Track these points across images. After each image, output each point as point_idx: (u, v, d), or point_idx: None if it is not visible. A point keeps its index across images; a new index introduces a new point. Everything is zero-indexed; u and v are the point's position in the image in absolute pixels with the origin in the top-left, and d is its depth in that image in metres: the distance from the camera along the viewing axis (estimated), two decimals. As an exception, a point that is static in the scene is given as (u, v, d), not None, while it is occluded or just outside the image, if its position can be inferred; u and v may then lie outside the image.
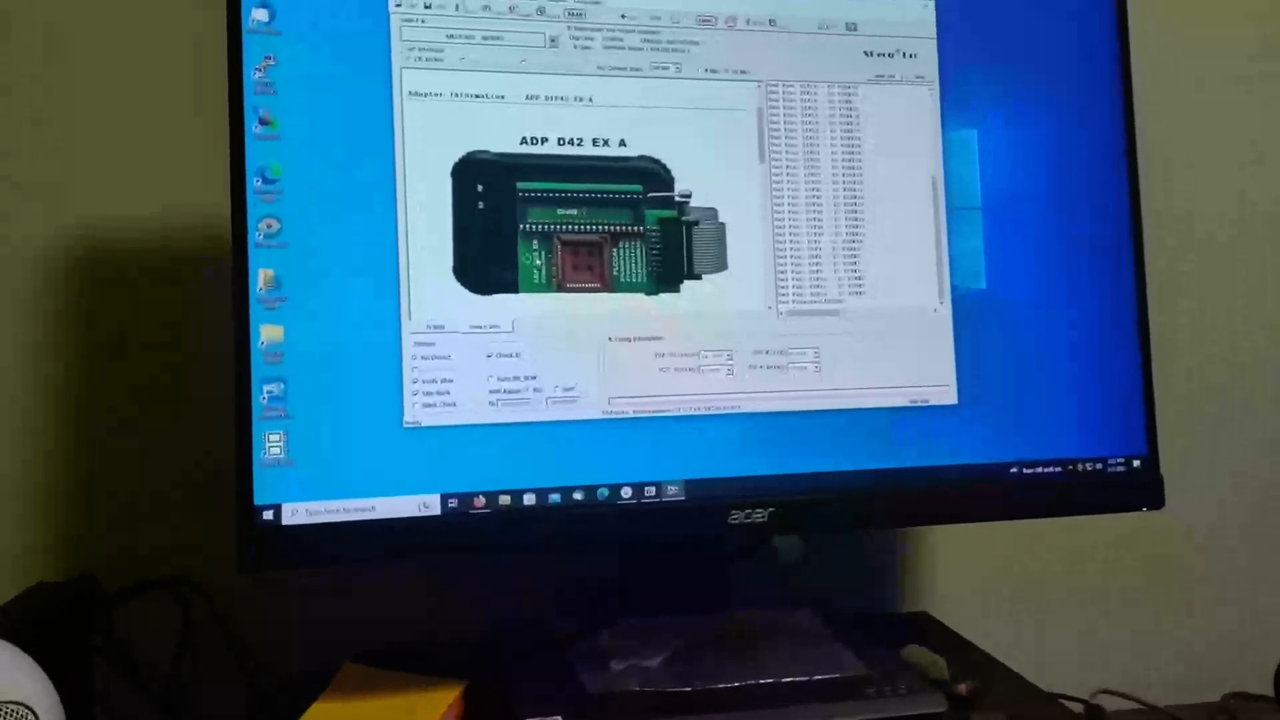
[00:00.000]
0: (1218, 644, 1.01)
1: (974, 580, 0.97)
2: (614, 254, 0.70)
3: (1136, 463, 0.77)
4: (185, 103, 0.86)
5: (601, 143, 0.70)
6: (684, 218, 0.71)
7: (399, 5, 0.68)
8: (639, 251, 0.71)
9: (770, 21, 0.73)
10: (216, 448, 0.83)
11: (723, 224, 0.72)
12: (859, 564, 0.95)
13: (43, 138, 0.85)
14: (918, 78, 0.76)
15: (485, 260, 0.68)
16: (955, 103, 0.76)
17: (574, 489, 0.69)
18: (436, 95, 0.68)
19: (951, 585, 0.96)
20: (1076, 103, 0.78)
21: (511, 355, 0.68)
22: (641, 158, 0.71)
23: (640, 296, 0.70)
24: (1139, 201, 0.79)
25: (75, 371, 0.85)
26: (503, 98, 0.69)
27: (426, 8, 0.69)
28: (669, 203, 0.71)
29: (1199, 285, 1.02)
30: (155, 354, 0.85)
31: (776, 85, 0.73)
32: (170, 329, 0.85)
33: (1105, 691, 0.93)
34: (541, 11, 0.70)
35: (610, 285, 0.70)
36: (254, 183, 0.65)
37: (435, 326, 0.67)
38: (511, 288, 0.69)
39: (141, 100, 0.86)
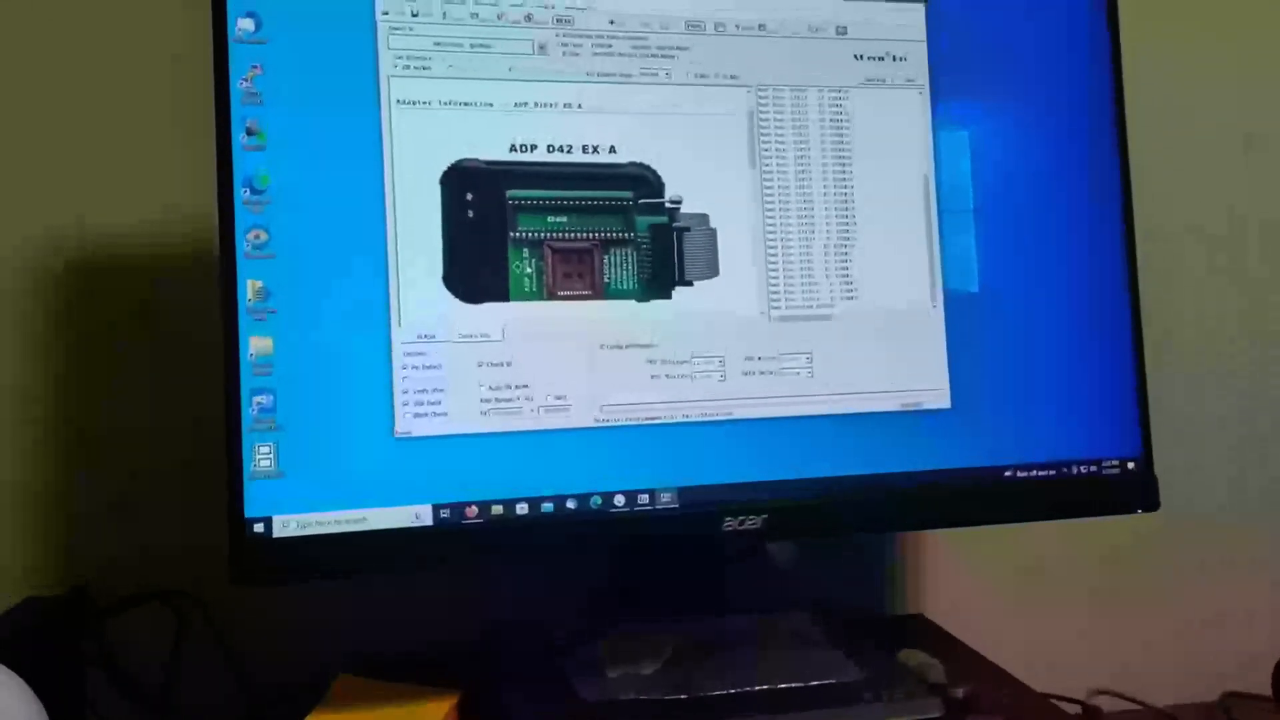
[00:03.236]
0: (1215, 644, 1.00)
1: (969, 582, 0.97)
2: (605, 261, 0.70)
3: (1131, 464, 0.77)
4: (183, 110, 0.85)
5: (591, 149, 0.70)
6: (675, 224, 0.71)
7: (386, 13, 0.68)
8: (630, 258, 0.70)
9: (760, 26, 0.73)
10: (209, 459, 0.82)
11: (714, 230, 0.72)
12: (853, 568, 0.95)
13: (34, 139, 0.84)
14: (908, 81, 0.76)
15: (475, 268, 0.68)
16: (946, 105, 0.76)
17: (567, 498, 0.68)
18: (425, 103, 0.68)
19: (946, 588, 0.96)
20: (1068, 104, 0.78)
21: (502, 364, 0.68)
22: (631, 164, 0.71)
23: (631, 303, 0.70)
24: (1131, 202, 0.79)
25: (64, 383, 0.84)
26: (491, 105, 0.69)
27: (414, 16, 0.68)
28: (659, 209, 0.71)
29: (1193, 286, 1.02)
30: (146, 364, 0.85)
31: (766, 90, 0.73)
32: (162, 339, 0.85)
33: (1102, 692, 0.93)
34: (529, 18, 0.70)
35: (601, 292, 0.70)
36: (242, 193, 0.65)
37: (425, 336, 0.67)
38: (502, 296, 0.68)
39: (136, 105, 0.85)
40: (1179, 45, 1.01)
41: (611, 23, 0.71)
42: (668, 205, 0.71)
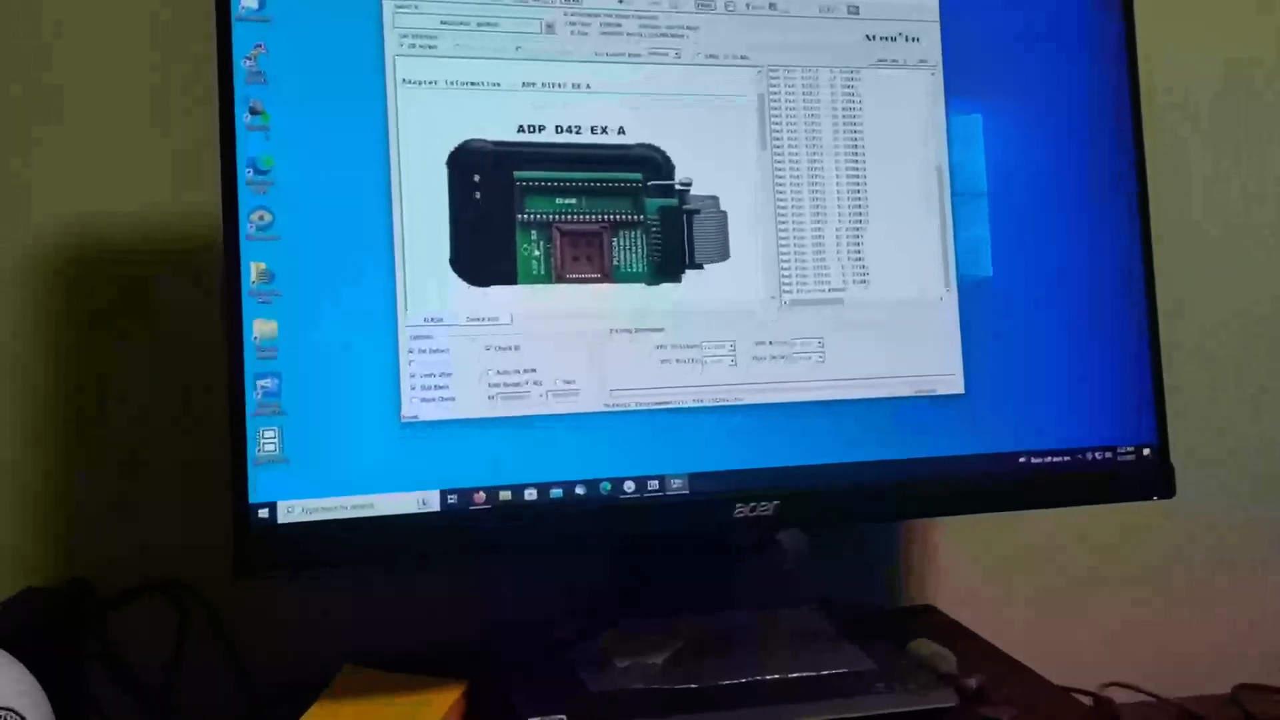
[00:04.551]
0: (1227, 635, 1.00)
1: (980, 572, 0.96)
2: (614, 244, 0.69)
3: (1146, 451, 0.76)
4: (182, 102, 0.84)
5: (600, 130, 0.69)
6: (684, 206, 0.70)
7: (392, -10, 0.67)
8: (639, 241, 0.69)
9: (770, 5, 0.72)
10: (209, 459, 0.81)
11: (724, 212, 0.71)
12: (860, 562, 0.94)
13: (31, 137, 0.83)
14: (921, 62, 0.75)
15: (483, 251, 0.67)
16: (959, 87, 0.75)
17: (576, 483, 0.67)
18: (431, 83, 0.67)
19: (957, 577, 0.95)
20: (1082, 86, 0.77)
21: (510, 348, 0.67)
22: (641, 145, 0.70)
23: (641, 287, 0.69)
24: (1146, 188, 0.78)
25: (64, 383, 0.83)
26: (498, 85, 0.68)
27: (419, -6, 0.67)
28: (669, 191, 0.70)
29: (1208, 272, 1.01)
30: (147, 354, 0.84)
31: (778, 70, 0.72)
32: (162, 326, 0.84)
33: (1114, 684, 0.92)
34: (537, -4, 0.69)
35: (610, 275, 0.69)
36: (245, 174, 0.64)
37: (432, 319, 0.66)
38: (510, 279, 0.67)
39: (133, 99, 0.84)
40: (1197, 27, 1.01)
41: (620, 1, 0.70)
42: (677, 187, 0.70)
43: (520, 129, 0.68)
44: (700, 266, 0.70)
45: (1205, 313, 1.01)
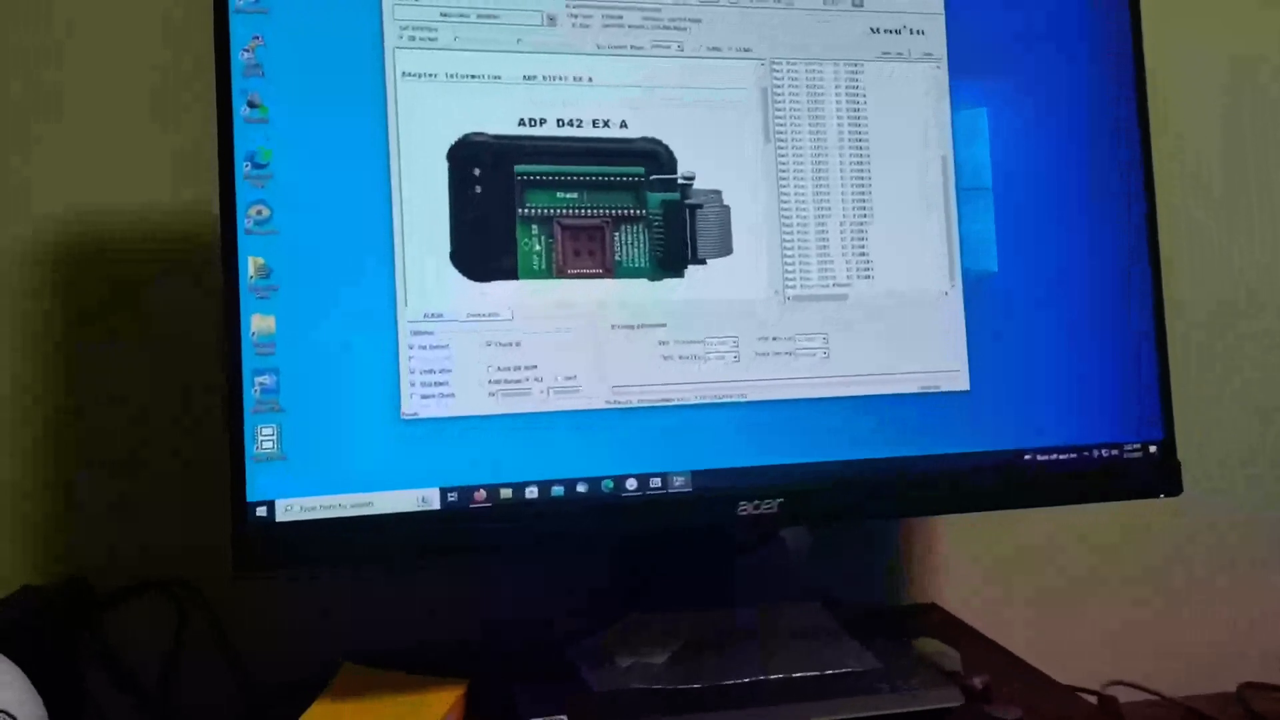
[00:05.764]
0: (1228, 635, 0.99)
1: (981, 571, 0.95)
2: (615, 238, 0.68)
3: (1153, 448, 0.76)
4: (183, 92, 0.83)
5: (602, 124, 0.68)
6: (687, 200, 0.69)
7: (391, -17, 0.66)
8: (641, 236, 0.69)
9: (774, -3, 0.71)
10: (208, 459, 0.81)
11: (727, 207, 0.70)
12: (863, 559, 0.93)
13: (24, 132, 0.82)
14: (926, 55, 0.74)
15: (483, 246, 0.66)
16: (965, 81, 0.74)
17: (577, 481, 0.67)
18: (431, 76, 0.66)
19: (959, 577, 0.95)
20: (1088, 80, 0.76)
21: (511, 344, 0.66)
22: (643, 139, 0.69)
23: (643, 282, 0.68)
24: (1152, 180, 0.77)
25: (63, 383, 0.82)
26: (499, 78, 0.67)
27: (419, -15, 0.66)
28: (672, 185, 0.69)
29: (1213, 267, 1.00)
30: (147, 353, 0.83)
31: (781, 63, 0.71)
32: (162, 326, 0.83)
33: (1118, 682, 0.91)
34: (538, -11, 0.68)
35: (612, 270, 0.68)
36: (243, 168, 0.63)
37: (432, 315, 0.65)
38: (510, 274, 0.66)
39: (130, 92, 0.83)
40: (1204, 19, 1.00)
41: (622, -7, 0.69)
42: (680, 181, 0.69)
43: (521, 122, 0.67)
44: (703, 261, 0.69)
45: (1211, 304, 1.00)
